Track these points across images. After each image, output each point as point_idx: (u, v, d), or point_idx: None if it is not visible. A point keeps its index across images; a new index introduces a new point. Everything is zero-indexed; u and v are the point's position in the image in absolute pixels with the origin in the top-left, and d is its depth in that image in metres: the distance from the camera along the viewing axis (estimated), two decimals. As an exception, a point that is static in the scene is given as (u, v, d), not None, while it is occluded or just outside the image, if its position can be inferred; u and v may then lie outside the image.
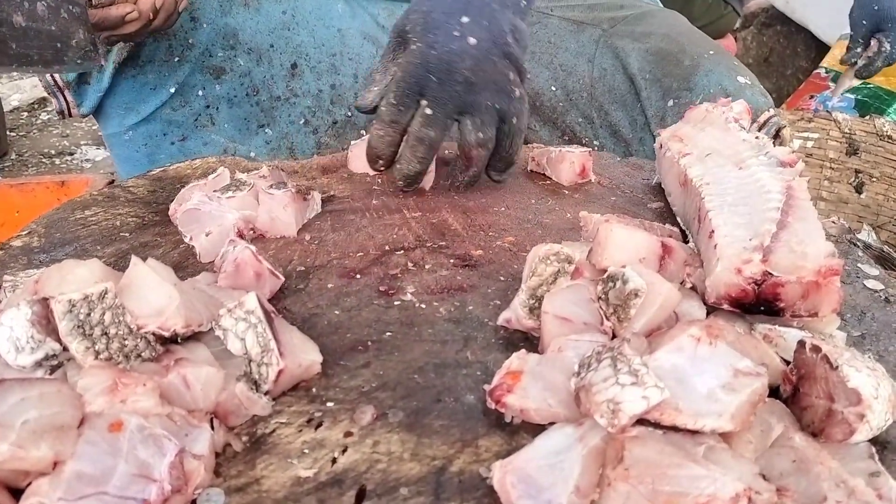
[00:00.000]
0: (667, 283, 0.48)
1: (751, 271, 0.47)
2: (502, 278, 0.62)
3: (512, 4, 0.76)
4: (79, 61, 0.82)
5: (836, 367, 0.40)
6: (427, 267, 0.63)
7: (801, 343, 0.44)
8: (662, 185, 0.78)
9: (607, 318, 0.49)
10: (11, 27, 0.72)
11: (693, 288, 0.53)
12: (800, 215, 0.51)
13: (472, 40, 0.72)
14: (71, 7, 0.79)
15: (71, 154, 2.74)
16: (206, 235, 0.65)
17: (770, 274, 0.47)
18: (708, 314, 0.50)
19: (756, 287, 0.47)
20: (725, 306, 0.49)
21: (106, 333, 0.44)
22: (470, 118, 0.73)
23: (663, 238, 0.55)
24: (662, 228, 0.62)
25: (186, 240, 0.67)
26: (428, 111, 0.71)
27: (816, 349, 0.42)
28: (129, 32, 0.91)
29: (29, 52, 0.75)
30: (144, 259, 0.49)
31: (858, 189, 1.62)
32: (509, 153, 0.77)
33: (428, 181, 0.81)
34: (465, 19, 0.73)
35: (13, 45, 0.73)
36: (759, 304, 0.48)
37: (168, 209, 0.73)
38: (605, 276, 0.49)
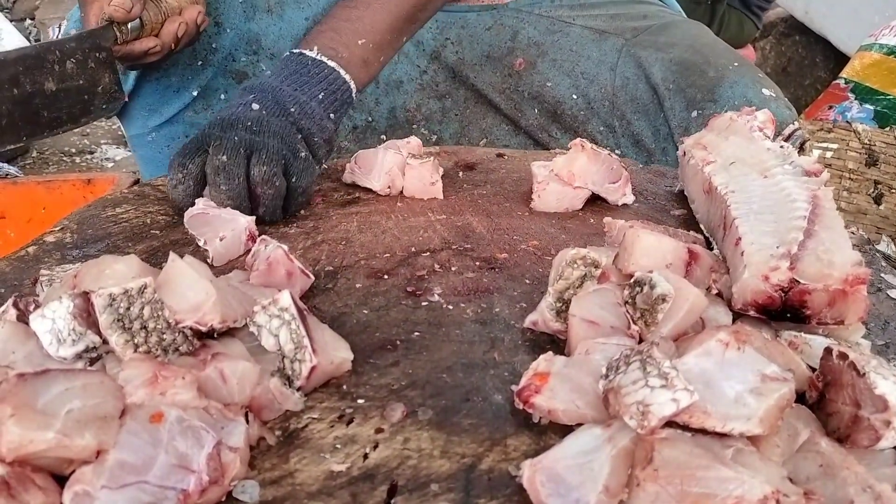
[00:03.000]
0: (694, 288, 0.48)
1: (778, 278, 0.48)
2: (528, 281, 0.62)
3: (307, 94, 0.80)
4: (104, 106, 0.84)
5: (864, 373, 0.41)
6: (453, 269, 0.64)
7: (828, 350, 0.44)
8: (686, 193, 0.79)
9: (634, 323, 0.49)
10: (43, 96, 0.74)
11: (719, 294, 0.54)
12: (826, 224, 0.52)
13: (255, 106, 0.76)
14: (98, 54, 0.81)
15: (91, 153, 2.76)
16: (220, 240, 0.66)
17: (797, 281, 0.48)
18: (734, 321, 0.51)
19: (783, 294, 0.48)
20: (752, 313, 0.50)
21: (145, 327, 0.45)
22: (255, 155, 0.72)
23: (689, 244, 0.55)
24: (687, 235, 0.62)
25: (200, 243, 0.67)
26: (215, 148, 0.72)
27: (843, 356, 0.43)
28: (151, 61, 0.92)
29: (60, 114, 0.77)
30: (181, 256, 0.50)
31: (877, 200, 1.61)
32: (293, 209, 0.76)
33: (438, 191, 0.81)
34: (250, 96, 0.78)
35: (45, 114, 0.76)
36: (785, 312, 0.48)
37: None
38: (633, 280, 0.50)
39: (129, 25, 0.85)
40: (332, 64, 0.83)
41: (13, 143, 0.76)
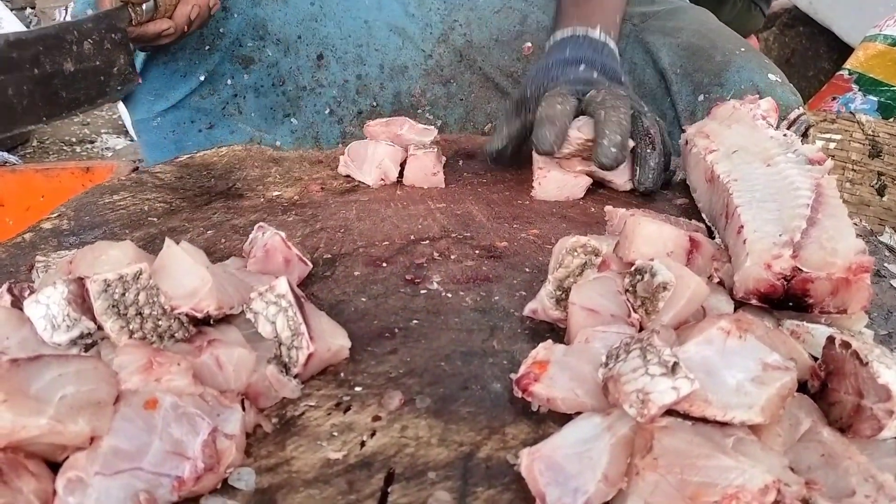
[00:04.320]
0: (695, 276, 0.48)
1: (780, 266, 0.47)
2: (527, 269, 0.62)
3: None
4: (119, 88, 0.84)
5: (867, 363, 0.40)
6: (452, 257, 0.63)
7: (831, 339, 0.44)
8: (688, 182, 0.78)
9: (635, 311, 0.49)
10: (62, 77, 0.74)
11: (720, 283, 0.53)
12: (830, 212, 0.51)
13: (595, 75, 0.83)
14: (113, 35, 0.81)
15: (91, 142, 2.76)
16: None
17: (799, 269, 0.47)
18: (735, 309, 0.50)
19: (785, 282, 0.47)
20: (754, 301, 0.49)
21: (140, 313, 0.45)
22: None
23: (691, 233, 0.55)
24: (688, 224, 0.62)
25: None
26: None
27: (846, 345, 0.42)
28: (164, 43, 0.92)
29: (77, 95, 0.77)
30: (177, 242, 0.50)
31: (880, 191, 1.60)
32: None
33: (439, 181, 0.81)
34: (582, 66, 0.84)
35: (63, 94, 0.75)
36: (787, 300, 0.48)
37: (194, 195, 0.73)
38: (633, 268, 0.50)
39: (144, 7, 0.85)
40: (612, 47, 0.90)
41: (33, 124, 0.76)
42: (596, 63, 0.85)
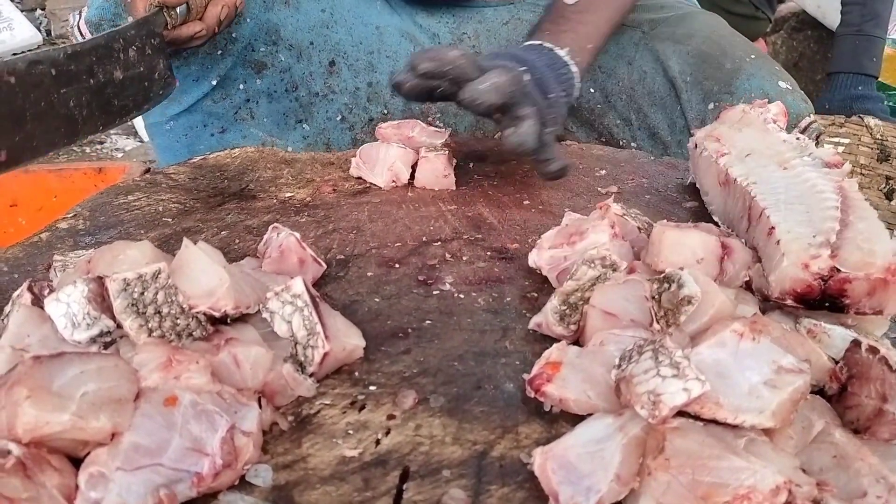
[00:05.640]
0: (721, 293, 0.47)
1: (818, 267, 0.47)
2: (539, 272, 0.62)
3: (557, 92, 0.80)
4: (161, 92, 0.85)
5: (895, 369, 0.41)
6: (464, 258, 0.64)
7: (857, 343, 0.44)
8: (697, 185, 0.78)
9: (657, 321, 0.47)
10: (113, 85, 0.75)
11: (748, 283, 0.53)
12: (860, 214, 0.51)
13: (526, 77, 0.75)
14: (153, 40, 0.82)
15: (101, 143, 2.77)
16: None
17: (837, 270, 0.47)
18: (764, 312, 0.50)
19: (822, 283, 0.47)
20: (789, 302, 0.49)
21: (159, 312, 0.45)
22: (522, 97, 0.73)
23: (724, 238, 0.54)
24: (708, 227, 0.61)
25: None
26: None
27: (874, 350, 0.42)
28: (195, 46, 0.93)
29: (126, 102, 0.78)
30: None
31: (889, 195, 1.60)
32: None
33: (450, 183, 0.81)
34: (522, 67, 0.76)
35: (115, 102, 0.76)
36: (823, 301, 0.48)
37: (208, 196, 0.74)
38: (663, 276, 0.48)
39: (178, 10, 0.86)
40: (574, 70, 0.85)
41: (92, 133, 0.77)
42: (537, 71, 0.80)
